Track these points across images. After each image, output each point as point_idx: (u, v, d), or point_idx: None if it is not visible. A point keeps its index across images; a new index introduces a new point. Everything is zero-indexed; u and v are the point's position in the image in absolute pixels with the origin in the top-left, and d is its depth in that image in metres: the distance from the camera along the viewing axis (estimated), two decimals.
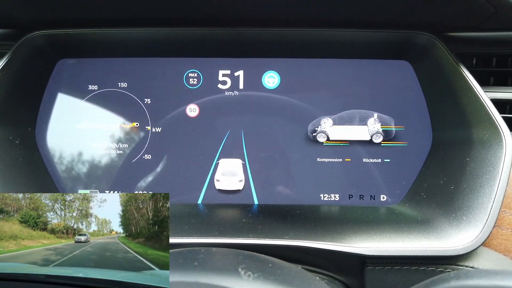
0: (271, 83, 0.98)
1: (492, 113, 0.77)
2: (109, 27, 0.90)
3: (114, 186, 0.97)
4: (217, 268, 0.51)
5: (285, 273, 0.53)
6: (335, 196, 0.96)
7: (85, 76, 0.98)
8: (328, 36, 0.91)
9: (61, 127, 0.98)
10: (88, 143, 0.98)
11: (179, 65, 0.98)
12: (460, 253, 0.67)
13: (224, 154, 0.97)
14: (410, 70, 0.96)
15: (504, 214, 0.76)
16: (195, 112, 0.97)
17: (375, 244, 0.70)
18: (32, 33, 0.89)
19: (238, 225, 0.77)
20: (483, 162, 0.75)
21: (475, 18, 0.80)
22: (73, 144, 0.97)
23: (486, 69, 0.90)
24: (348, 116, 0.96)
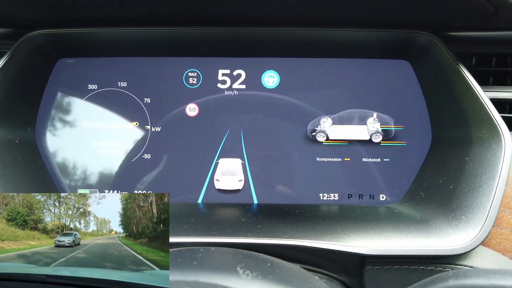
0: (271, 83, 0.98)
1: (491, 112, 0.77)
2: (109, 26, 0.90)
3: (114, 185, 0.97)
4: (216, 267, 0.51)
5: (284, 272, 0.53)
6: (334, 195, 0.96)
7: (85, 75, 0.98)
8: (328, 36, 0.91)
9: (60, 127, 0.98)
10: (87, 143, 0.98)
11: (179, 65, 0.98)
12: (459, 253, 0.67)
13: (224, 154, 0.97)
14: (409, 70, 0.96)
15: (503, 214, 0.76)
16: (195, 112, 0.98)
17: (374, 244, 0.70)
18: (32, 33, 0.89)
19: (237, 225, 0.77)
20: (482, 161, 0.75)
21: (475, 17, 0.80)
22: (72, 144, 0.98)
23: (486, 68, 0.90)
24: (348, 115, 0.96)
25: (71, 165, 0.97)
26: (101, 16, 0.86)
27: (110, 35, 0.92)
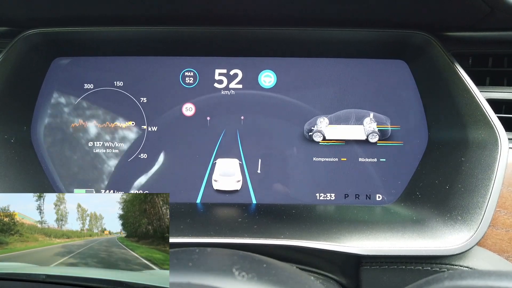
0: (268, 82, 0.97)
1: (487, 113, 0.77)
2: (105, 25, 0.89)
3: (110, 185, 0.97)
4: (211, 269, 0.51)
5: (280, 273, 0.53)
6: (331, 195, 0.96)
7: (81, 74, 0.98)
8: (325, 35, 0.90)
9: (56, 126, 0.97)
10: (83, 142, 0.97)
11: (175, 64, 0.98)
12: (455, 253, 0.67)
13: (221, 154, 0.97)
14: (406, 70, 0.96)
15: (499, 214, 0.76)
16: (191, 111, 0.97)
17: (371, 244, 0.70)
18: (28, 31, 0.88)
19: (234, 225, 0.77)
20: (478, 162, 0.75)
21: (471, 18, 0.80)
22: (68, 143, 0.97)
23: (482, 69, 0.90)
24: (344, 115, 0.96)
25: (67, 165, 0.97)
26: (98, 15, 0.86)
27: (106, 34, 0.91)
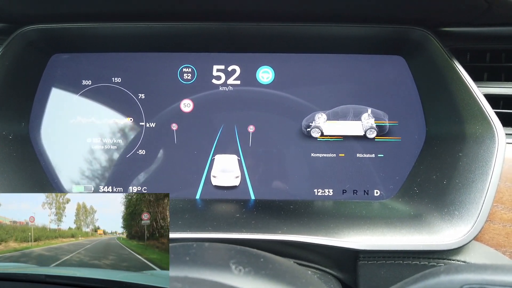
0: (266, 78, 0.97)
1: (485, 108, 0.77)
2: (103, 21, 0.89)
3: (109, 181, 0.97)
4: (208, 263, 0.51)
5: (277, 268, 0.53)
6: (329, 191, 0.96)
7: (79, 71, 0.97)
8: (323, 31, 0.90)
9: (55, 122, 0.97)
10: (82, 139, 0.97)
11: (173, 60, 0.97)
12: (452, 248, 0.68)
13: (219, 150, 0.97)
14: (404, 65, 0.96)
15: (496, 209, 0.76)
16: (189, 107, 0.97)
17: (368, 239, 0.70)
18: (26, 28, 0.88)
19: (232, 220, 0.77)
20: (475, 157, 0.75)
21: (469, 13, 0.80)
22: (67, 140, 0.97)
23: (480, 64, 0.90)
24: (342, 111, 0.96)
25: (65, 161, 0.97)
26: (96, 11, 0.85)
27: (104, 30, 0.91)
